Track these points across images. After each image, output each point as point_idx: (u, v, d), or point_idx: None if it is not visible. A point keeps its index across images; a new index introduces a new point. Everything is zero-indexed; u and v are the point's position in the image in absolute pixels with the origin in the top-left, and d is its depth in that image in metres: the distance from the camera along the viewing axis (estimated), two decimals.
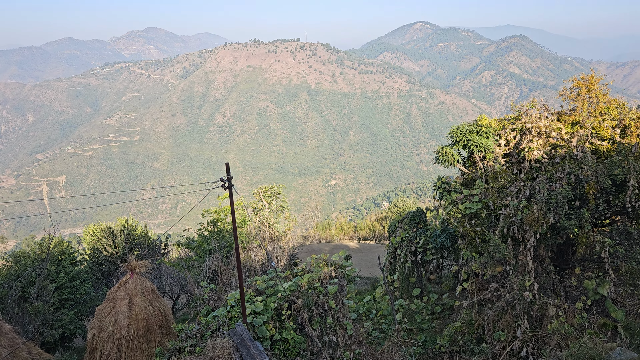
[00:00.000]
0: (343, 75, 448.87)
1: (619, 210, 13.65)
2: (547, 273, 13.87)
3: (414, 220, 21.13)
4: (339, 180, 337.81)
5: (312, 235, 51.02)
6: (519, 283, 12.93)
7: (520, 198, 14.17)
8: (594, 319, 13.32)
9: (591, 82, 16.98)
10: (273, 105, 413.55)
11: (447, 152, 16.99)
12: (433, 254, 20.21)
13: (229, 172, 10.26)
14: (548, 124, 16.25)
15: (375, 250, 41.42)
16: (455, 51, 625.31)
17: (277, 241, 28.45)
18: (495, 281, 14.67)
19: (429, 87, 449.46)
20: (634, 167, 12.81)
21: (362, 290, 24.28)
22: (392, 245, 21.37)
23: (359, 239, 51.08)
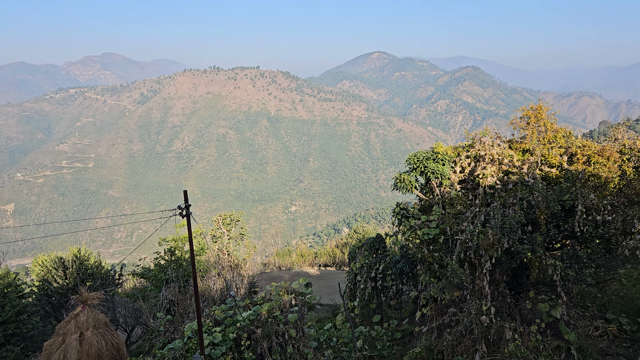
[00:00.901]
0: (303, 103, 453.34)
1: (569, 235, 14.16)
2: (503, 297, 14.17)
3: (374, 246, 21.26)
4: (299, 206, 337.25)
5: (272, 262, 50.43)
6: (476, 307, 13.14)
7: (475, 223, 14.52)
8: (548, 341, 13.64)
9: (540, 111, 17.78)
10: (233, 131, 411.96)
11: (404, 178, 17.30)
12: (393, 280, 20.31)
13: (187, 200, 10.08)
14: (500, 152, 16.84)
15: (335, 276, 41.27)
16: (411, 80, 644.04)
17: (237, 269, 27.95)
18: (454, 306, 14.86)
19: (387, 115, 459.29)
20: (581, 193, 13.38)
21: (322, 317, 24.05)
22: (352, 271, 21.37)
23: (319, 265, 50.84)
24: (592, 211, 13.32)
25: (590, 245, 13.50)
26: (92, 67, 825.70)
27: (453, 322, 14.46)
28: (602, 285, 16.96)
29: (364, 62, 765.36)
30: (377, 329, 19.24)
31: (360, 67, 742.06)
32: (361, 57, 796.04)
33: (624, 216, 13.35)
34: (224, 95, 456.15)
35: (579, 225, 13.28)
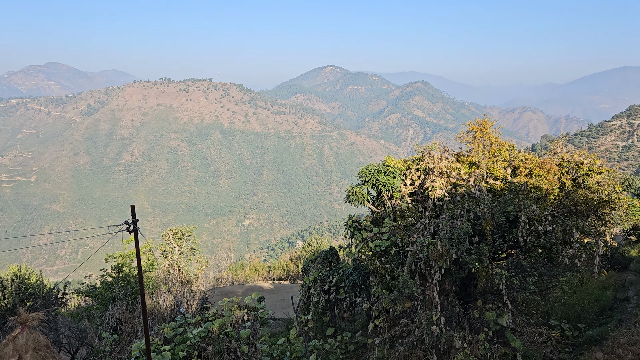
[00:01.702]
0: (256, 115, 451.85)
1: (513, 245, 14.69)
2: (452, 306, 14.49)
3: (327, 259, 21.30)
4: (252, 220, 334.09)
5: (225, 277, 49.60)
6: (426, 317, 13.37)
7: (425, 235, 14.83)
8: (496, 348, 14.03)
9: (485, 126, 18.46)
10: (184, 144, 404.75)
11: (357, 191, 17.50)
12: (346, 292, 20.39)
13: (134, 215, 9.81)
14: (448, 165, 17.34)
15: (289, 290, 41.03)
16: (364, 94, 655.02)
17: (188, 285, 27.31)
18: (405, 317, 15.07)
19: (340, 128, 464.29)
20: (524, 204, 13.94)
21: (276, 332, 23.81)
22: (306, 285, 21.31)
23: (273, 279, 50.43)
24: (534, 222, 13.88)
25: (533, 255, 14.05)
26: (35, 77, 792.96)
27: (405, 333, 14.65)
28: (545, 292, 17.66)
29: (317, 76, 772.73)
30: (331, 342, 19.22)
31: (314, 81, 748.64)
32: (314, 70, 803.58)
33: (563, 226, 13.99)
34: (175, 107, 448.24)
35: (522, 236, 13.81)
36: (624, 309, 19.95)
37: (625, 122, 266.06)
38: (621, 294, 21.96)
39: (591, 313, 19.74)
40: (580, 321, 18.81)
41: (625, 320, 17.78)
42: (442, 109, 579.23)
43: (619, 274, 25.99)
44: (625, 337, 14.11)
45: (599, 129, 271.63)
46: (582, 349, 15.27)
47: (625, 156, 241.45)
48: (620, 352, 13.31)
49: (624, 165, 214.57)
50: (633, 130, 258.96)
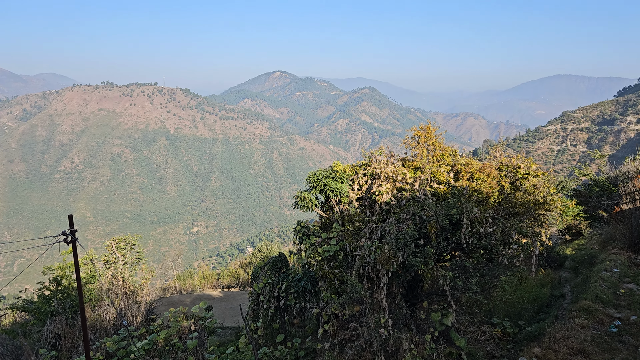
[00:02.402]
0: (204, 121, 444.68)
1: (456, 246, 15.16)
2: (399, 309, 14.78)
3: (276, 265, 21.21)
4: (201, 227, 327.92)
5: (172, 286, 48.37)
6: (375, 320, 13.57)
7: (373, 239, 15.06)
8: (442, 348, 14.41)
9: (428, 132, 18.99)
10: (129, 150, 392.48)
11: (305, 197, 17.55)
12: (296, 298, 20.36)
13: (72, 225, 9.41)
14: (394, 170, 17.70)
15: (239, 297, 40.54)
16: (312, 100, 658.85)
17: (133, 296, 26.45)
18: (354, 320, 15.22)
19: (289, 134, 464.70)
20: (466, 207, 14.43)
21: (225, 341, 23.44)
22: (255, 292, 21.13)
23: (222, 287, 49.67)
24: (475, 224, 14.39)
25: (475, 256, 14.55)
26: None
27: (354, 337, 14.80)
28: (487, 292, 18.31)
29: (265, 81, 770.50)
30: (281, 348, 19.13)
31: (262, 86, 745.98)
32: (263, 76, 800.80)
33: (502, 228, 14.58)
34: (118, 113, 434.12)
35: (465, 238, 14.28)
36: (560, 305, 21.00)
37: (559, 127, 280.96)
38: (557, 291, 23.12)
39: (530, 310, 20.66)
40: (520, 318, 19.64)
41: (561, 315, 18.71)
42: (389, 114, 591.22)
43: (555, 271, 27.35)
44: (560, 332, 14.84)
45: (535, 133, 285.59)
46: (522, 345, 15.94)
47: (559, 159, 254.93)
48: (556, 346, 13.99)
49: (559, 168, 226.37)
50: (566, 135, 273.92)
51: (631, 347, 14.36)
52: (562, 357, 13.61)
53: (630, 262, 24.65)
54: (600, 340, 14.79)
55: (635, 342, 14.61)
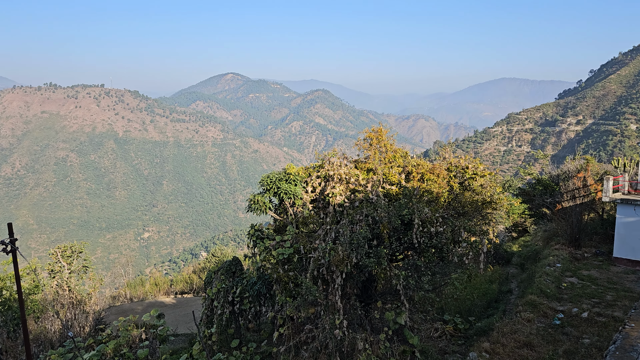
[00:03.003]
0: (154, 124, 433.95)
1: (408, 246, 15.46)
2: (354, 309, 14.91)
3: (230, 269, 20.93)
4: (152, 232, 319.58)
5: (122, 294, 46.84)
6: (330, 322, 13.63)
7: (327, 241, 15.13)
8: (396, 347, 14.64)
9: (380, 134, 19.30)
10: (74, 154, 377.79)
11: (258, 200, 17.44)
12: (251, 302, 20.15)
13: (12, 233, 8.95)
14: (347, 171, 17.87)
15: (193, 303, 39.76)
16: (266, 102, 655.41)
17: (80, 306, 25.45)
18: (309, 323, 15.23)
19: (243, 136, 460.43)
20: (417, 207, 14.74)
21: (178, 348, 22.92)
22: (209, 297, 20.77)
23: (175, 293, 48.53)
24: (426, 224, 14.72)
25: (426, 255, 14.88)
26: None
27: (309, 339, 14.80)
28: (439, 290, 18.77)
29: (217, 83, 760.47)
30: (236, 354, 18.89)
31: (214, 88, 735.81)
32: (215, 77, 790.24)
33: (452, 227, 14.98)
34: (63, 115, 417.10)
35: (417, 237, 14.57)
36: (508, 300, 21.78)
37: (505, 128, 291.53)
38: (505, 287, 23.97)
39: (480, 306, 21.33)
40: (471, 314, 20.24)
41: (508, 310, 19.41)
42: (342, 116, 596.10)
43: (503, 268, 28.35)
44: (508, 326, 15.40)
45: (483, 135, 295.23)
46: (472, 340, 16.42)
47: (506, 159, 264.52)
48: (504, 340, 14.50)
49: (505, 168, 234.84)
50: (512, 135, 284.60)
51: (573, 338, 15.06)
52: (509, 350, 14.11)
53: (572, 257, 25.89)
54: (544, 333, 15.44)
55: (577, 334, 15.34)
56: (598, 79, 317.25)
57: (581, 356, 13.56)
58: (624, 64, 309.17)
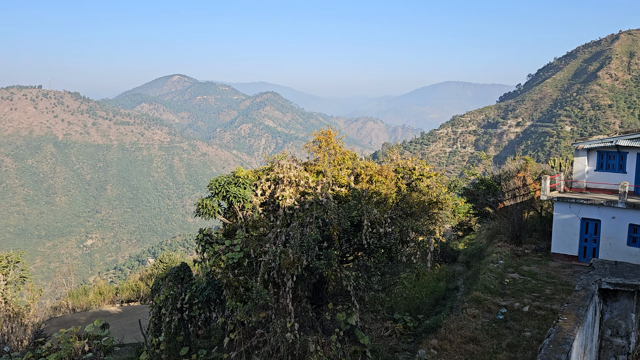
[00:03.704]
0: (96, 126, 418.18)
1: (358, 247, 15.63)
2: (305, 312, 14.91)
3: (179, 275, 20.45)
4: (96, 239, 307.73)
5: (64, 305, 44.79)
6: (281, 325, 13.57)
7: (277, 244, 15.06)
8: (347, 347, 14.77)
9: (329, 136, 19.41)
10: (10, 159, 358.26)
11: (207, 204, 17.14)
12: (200, 309, 19.77)
13: None
14: (297, 174, 17.86)
15: (140, 312, 38.57)
16: (214, 104, 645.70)
17: (17, 318, 24.15)
18: (260, 327, 15.11)
19: (191, 139, 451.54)
20: (366, 209, 14.92)
21: (125, 359, 22.20)
22: (157, 304, 20.21)
23: (121, 302, 46.92)
24: (375, 224, 14.93)
25: (376, 255, 15.09)
26: None
27: (261, 344, 14.68)
28: (389, 289, 19.07)
29: (163, 85, 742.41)
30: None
31: (160, 90, 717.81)
32: (161, 79, 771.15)
33: (400, 227, 15.26)
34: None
35: (366, 238, 14.75)
36: (455, 297, 22.44)
37: (450, 130, 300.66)
38: (452, 284, 24.68)
39: (428, 304, 21.86)
40: (420, 312, 20.71)
41: (455, 307, 19.99)
42: (292, 119, 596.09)
43: (450, 266, 29.19)
44: (454, 323, 15.85)
45: (429, 136, 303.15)
46: (421, 338, 16.80)
47: (451, 160, 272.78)
48: (451, 337, 14.91)
49: (451, 169, 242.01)
50: (456, 137, 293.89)
51: (515, 331, 15.69)
52: (456, 346, 14.52)
53: (513, 254, 27.00)
54: (489, 328, 16.00)
55: (519, 327, 15.99)
56: (535, 82, 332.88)
57: (523, 349, 14.15)
58: (558, 68, 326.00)
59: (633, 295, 7.07)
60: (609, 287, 7.09)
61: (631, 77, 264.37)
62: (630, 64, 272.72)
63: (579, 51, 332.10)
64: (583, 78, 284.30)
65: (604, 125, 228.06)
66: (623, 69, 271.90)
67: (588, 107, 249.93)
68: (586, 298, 6.25)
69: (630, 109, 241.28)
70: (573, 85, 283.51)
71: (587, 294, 6.39)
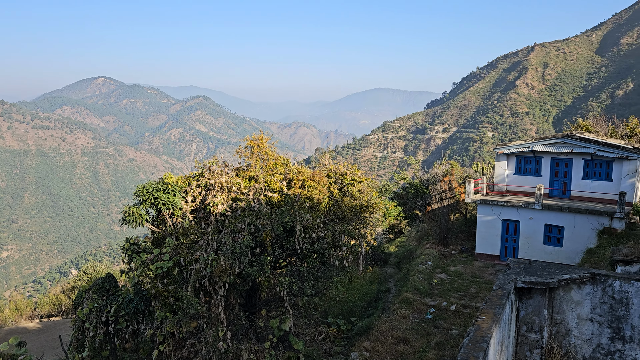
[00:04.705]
0: (12, 131, 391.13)
1: (291, 253, 15.64)
2: (238, 319, 14.71)
3: (104, 287, 19.51)
4: (12, 251, 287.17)
5: None
6: (213, 335, 13.29)
7: (209, 251, 14.76)
8: (281, 354, 14.69)
9: (261, 141, 19.32)
10: None
11: (134, 212, 16.49)
12: (127, 321, 18.94)
13: None
14: (229, 180, 17.61)
15: (62, 327, 36.42)
16: (142, 108, 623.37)
17: None
18: (192, 337, 14.72)
19: (117, 144, 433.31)
20: (298, 214, 14.96)
21: None
22: (79, 318, 19.15)
23: (41, 317, 44.07)
24: (308, 230, 15.01)
25: (309, 260, 15.16)
26: None
27: (192, 354, 14.30)
28: (322, 294, 19.23)
29: (87, 87, 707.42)
30: None
31: (84, 93, 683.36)
32: (84, 81, 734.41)
33: (333, 231, 15.45)
34: None
35: (299, 243, 14.79)
36: (386, 299, 22.96)
37: (381, 136, 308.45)
38: (383, 286, 25.24)
39: (361, 306, 22.21)
40: (353, 315, 20.99)
41: (387, 309, 20.45)
42: (224, 123, 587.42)
43: (382, 268, 29.84)
44: (386, 324, 16.21)
45: (361, 142, 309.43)
46: (354, 341, 17.03)
47: (382, 165, 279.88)
48: (382, 338, 15.23)
49: (382, 173, 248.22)
50: (387, 142, 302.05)
51: (443, 330, 16.28)
52: (387, 347, 14.85)
53: (441, 255, 28.04)
54: (418, 328, 16.51)
55: (446, 326, 16.62)
56: (460, 90, 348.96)
57: (450, 346, 14.72)
58: (480, 77, 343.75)
59: (545, 292, 7.57)
60: (523, 286, 7.55)
61: (545, 86, 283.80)
62: (545, 74, 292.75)
63: (499, 61, 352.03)
64: (503, 87, 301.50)
65: (522, 132, 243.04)
66: (538, 78, 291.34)
67: (508, 114, 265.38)
68: (503, 297, 6.61)
69: (545, 116, 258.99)
70: (494, 93, 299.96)
71: (503, 293, 6.76)
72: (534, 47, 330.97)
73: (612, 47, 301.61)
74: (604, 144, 26.00)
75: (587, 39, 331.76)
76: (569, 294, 7.66)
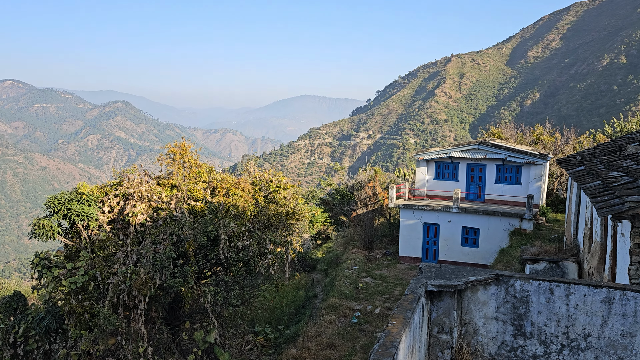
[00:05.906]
0: None
1: (216, 262, 15.31)
2: (160, 334, 14.16)
3: (11, 305, 18.09)
4: None
5: None
6: (133, 351, 12.71)
7: (128, 264, 14.12)
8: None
9: (184, 148, 18.80)
10: None
11: (44, 224, 15.44)
12: (38, 341, 17.67)
13: None
14: (149, 188, 16.96)
15: None
16: (55, 113, 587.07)
17: None
18: (110, 355, 14.00)
19: (27, 151, 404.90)
20: (223, 222, 14.69)
21: None
22: None
23: None
24: (233, 238, 14.78)
25: (234, 269, 14.91)
26: None
27: None
28: (249, 303, 18.96)
29: None
30: None
31: None
32: None
33: (258, 239, 15.32)
34: None
35: (224, 252, 14.52)
36: (314, 305, 23.05)
37: (308, 142, 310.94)
38: (311, 292, 25.34)
39: (288, 314, 22.14)
40: (280, 323, 20.88)
41: (314, 315, 20.53)
42: (146, 130, 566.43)
43: (309, 274, 29.95)
44: (312, 330, 16.27)
45: (288, 148, 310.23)
46: (281, 349, 16.93)
47: (310, 171, 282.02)
48: (309, 344, 15.26)
49: (309, 180, 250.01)
50: (314, 149, 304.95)
51: (368, 333, 16.61)
52: (314, 353, 14.90)
53: (366, 259, 28.62)
54: (344, 332, 16.72)
55: (371, 329, 16.96)
56: (383, 98, 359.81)
57: None
58: (402, 86, 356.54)
59: (454, 294, 7.95)
60: (433, 289, 7.90)
61: (462, 95, 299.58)
62: (461, 83, 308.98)
63: (419, 71, 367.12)
64: (423, 95, 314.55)
65: (442, 138, 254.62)
66: (455, 88, 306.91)
67: (428, 121, 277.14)
68: (413, 301, 6.86)
69: (462, 123, 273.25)
70: (415, 101, 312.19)
71: (414, 297, 7.02)
72: (451, 58, 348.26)
73: (520, 59, 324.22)
74: (513, 150, 27.80)
75: (499, 52, 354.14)
76: (475, 294, 8.12)
